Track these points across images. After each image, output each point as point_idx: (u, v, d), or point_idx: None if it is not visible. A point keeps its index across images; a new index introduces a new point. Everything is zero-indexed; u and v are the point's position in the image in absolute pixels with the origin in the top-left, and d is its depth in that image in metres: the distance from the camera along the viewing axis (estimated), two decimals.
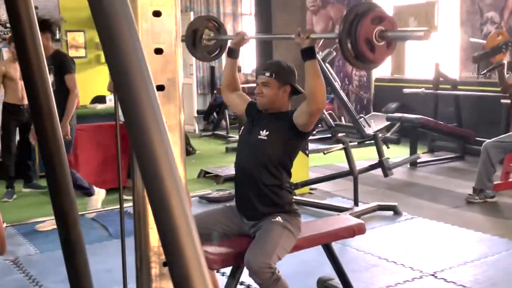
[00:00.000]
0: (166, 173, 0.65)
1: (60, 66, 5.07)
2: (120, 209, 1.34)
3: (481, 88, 7.88)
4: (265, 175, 3.01)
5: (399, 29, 2.47)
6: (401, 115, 7.31)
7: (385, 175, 5.28)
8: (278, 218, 2.99)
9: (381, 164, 5.27)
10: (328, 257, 3.41)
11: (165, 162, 0.66)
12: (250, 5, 11.15)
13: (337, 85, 8.54)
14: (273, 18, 5.68)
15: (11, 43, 6.05)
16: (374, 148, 5.69)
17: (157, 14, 0.89)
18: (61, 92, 4.98)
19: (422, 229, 4.90)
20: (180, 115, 0.96)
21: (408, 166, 7.07)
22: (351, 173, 5.14)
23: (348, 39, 2.46)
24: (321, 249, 3.37)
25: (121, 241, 1.29)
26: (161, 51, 0.91)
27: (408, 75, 9.30)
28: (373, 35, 2.44)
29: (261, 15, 5.92)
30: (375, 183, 6.28)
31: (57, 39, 8.88)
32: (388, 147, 6.70)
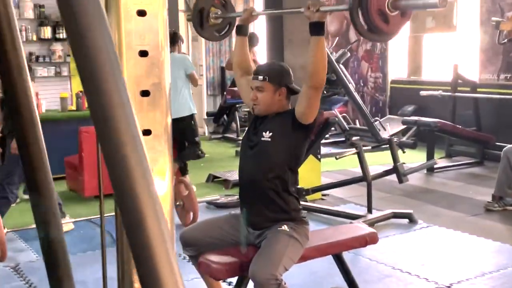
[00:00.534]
0: (140, 189, 0.61)
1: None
2: (100, 218, 1.30)
3: (502, 90, 7.77)
4: (270, 178, 2.96)
5: None
6: (418, 118, 7.22)
7: (400, 181, 5.21)
8: (284, 226, 2.93)
9: (396, 170, 5.19)
10: (338, 267, 3.35)
11: (139, 178, 0.61)
12: None
13: (352, 87, 8.46)
14: (285, 20, 5.63)
15: None
16: (389, 152, 5.62)
17: (141, 13, 0.84)
18: None
19: (438, 238, 4.82)
20: (167, 120, 0.91)
21: (424, 171, 6.99)
22: (365, 179, 5.07)
23: (359, 11, 2.40)
24: (331, 258, 3.32)
25: (101, 253, 1.24)
26: (146, 53, 0.86)
27: (425, 77, 9.21)
28: (386, 5, 2.37)
29: (272, 17, 5.86)
30: (390, 189, 6.21)
31: (64, 39, 8.91)
32: (404, 152, 6.62)
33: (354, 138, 9.21)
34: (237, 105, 9.31)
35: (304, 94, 2.86)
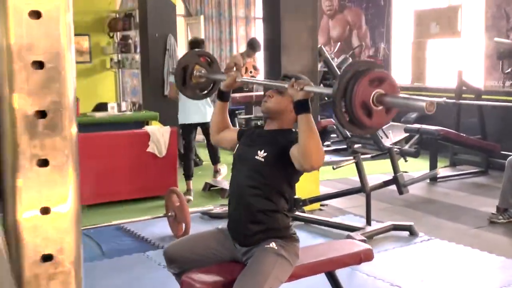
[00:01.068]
0: None
1: None
2: None
3: (507, 98, 7.60)
4: (260, 199, 2.81)
5: (399, 96, 2.25)
6: (420, 126, 7.04)
7: (400, 192, 5.03)
8: (272, 244, 2.77)
9: (396, 180, 5.02)
10: (332, 286, 3.18)
11: None
12: None
13: None
14: (282, 23, 5.48)
15: None
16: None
17: (36, 15, 0.68)
18: None
19: (439, 252, 4.64)
20: (72, 147, 0.75)
21: (427, 181, 6.81)
22: (363, 190, 4.90)
23: (342, 101, 2.26)
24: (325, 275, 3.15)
25: None
26: (41, 64, 0.70)
27: (429, 84, 9.04)
28: (371, 99, 2.23)
29: (269, 20, 5.72)
30: (391, 199, 6.03)
31: None
32: (406, 161, 6.46)
33: (356, 145, 9.08)
34: (236, 112, 9.16)
35: (298, 163, 2.65)
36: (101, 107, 7.68)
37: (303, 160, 2.57)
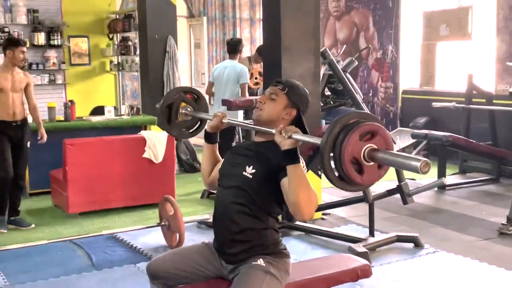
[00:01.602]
0: None
1: None
2: None
3: None
4: (246, 217, 2.65)
5: (392, 153, 2.10)
6: (428, 132, 6.87)
7: (404, 202, 4.87)
8: (259, 261, 2.62)
9: (400, 189, 4.85)
10: None
11: None
12: None
13: (359, 97, 8.13)
14: (283, 24, 5.33)
15: (19, 46, 5.32)
16: None
17: None
18: None
19: (445, 265, 4.47)
20: None
21: (435, 189, 6.63)
22: (365, 199, 4.74)
23: (331, 155, 2.12)
24: None
25: None
26: None
27: (438, 88, 8.85)
28: (361, 154, 2.10)
29: (269, 21, 5.57)
30: (396, 208, 5.85)
31: (58, 45, 8.68)
32: None
33: None
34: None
35: (289, 206, 2.50)
36: (98, 110, 7.56)
37: (293, 211, 2.45)
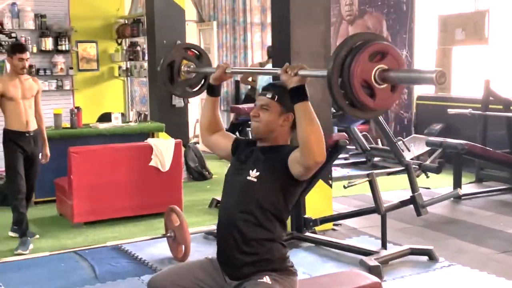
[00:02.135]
0: None
1: None
2: None
3: None
4: (253, 227, 2.57)
5: (404, 69, 2.01)
6: (443, 139, 6.73)
7: (418, 214, 4.76)
8: (265, 278, 2.54)
9: (413, 200, 4.74)
10: None
11: None
12: None
13: None
14: (292, 29, 5.25)
15: (17, 53, 5.06)
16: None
17: None
18: None
19: (460, 280, 4.35)
20: None
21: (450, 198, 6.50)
22: (378, 211, 4.63)
23: (339, 80, 2.02)
24: None
25: None
26: None
27: (454, 93, 8.72)
28: (372, 76, 2.02)
29: (278, 26, 5.49)
30: (410, 218, 5.72)
31: (66, 51, 8.65)
32: (427, 177, 6.16)
33: (375, 159, 8.80)
34: (250, 122, 8.93)
35: (299, 163, 2.44)
36: (106, 117, 7.50)
37: (305, 155, 2.37)
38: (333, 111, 8.52)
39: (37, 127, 5.28)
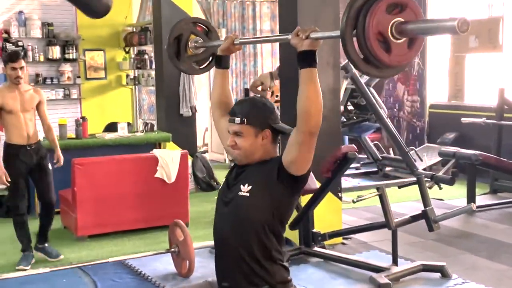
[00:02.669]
0: None
1: None
2: None
3: None
4: (248, 244, 2.44)
5: (423, 19, 1.91)
6: (456, 150, 6.57)
7: (430, 229, 4.61)
8: None
9: (425, 215, 4.60)
10: None
11: None
12: None
13: (383, 112, 7.88)
14: None
15: (9, 62, 4.83)
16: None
17: None
18: None
19: None
20: None
21: None
22: (388, 226, 4.49)
23: (353, 34, 1.92)
24: None
25: None
26: None
27: (467, 102, 8.55)
28: (389, 28, 1.91)
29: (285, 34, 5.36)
30: (421, 232, 5.56)
31: (74, 59, 8.59)
32: (440, 188, 6.01)
33: (387, 168, 8.64)
34: None
35: (294, 140, 2.34)
36: (112, 127, 7.41)
37: (303, 119, 2.26)
38: (344, 120, 8.43)
39: (39, 140, 5.09)
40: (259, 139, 2.46)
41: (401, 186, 5.46)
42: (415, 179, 5.14)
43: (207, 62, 3.08)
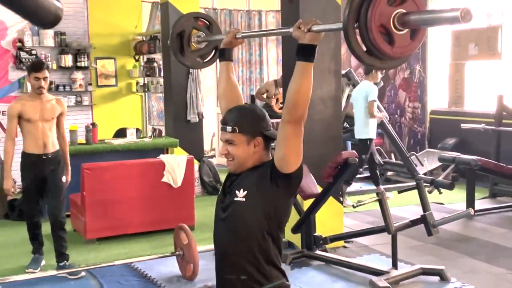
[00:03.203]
0: None
1: None
2: None
3: None
4: (246, 249, 2.36)
5: (425, 10, 1.86)
6: (456, 155, 6.49)
7: (429, 233, 4.53)
8: None
9: (424, 220, 4.52)
10: None
11: None
12: None
13: (385, 118, 7.82)
14: None
15: (33, 72, 4.70)
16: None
17: None
18: None
19: None
20: None
21: None
22: (387, 230, 4.42)
23: (355, 27, 1.87)
24: None
25: None
26: None
27: (467, 108, 8.46)
28: (391, 20, 1.86)
29: (287, 42, 5.31)
30: (421, 236, 5.46)
31: (85, 67, 8.57)
32: (440, 193, 5.93)
33: (389, 173, 8.56)
34: None
35: (281, 135, 2.26)
36: (122, 132, 7.37)
37: (290, 111, 2.18)
38: (346, 126, 8.36)
39: (56, 150, 4.89)
40: (251, 147, 2.39)
41: (401, 191, 5.38)
42: (415, 184, 5.05)
43: (211, 55, 3.02)
